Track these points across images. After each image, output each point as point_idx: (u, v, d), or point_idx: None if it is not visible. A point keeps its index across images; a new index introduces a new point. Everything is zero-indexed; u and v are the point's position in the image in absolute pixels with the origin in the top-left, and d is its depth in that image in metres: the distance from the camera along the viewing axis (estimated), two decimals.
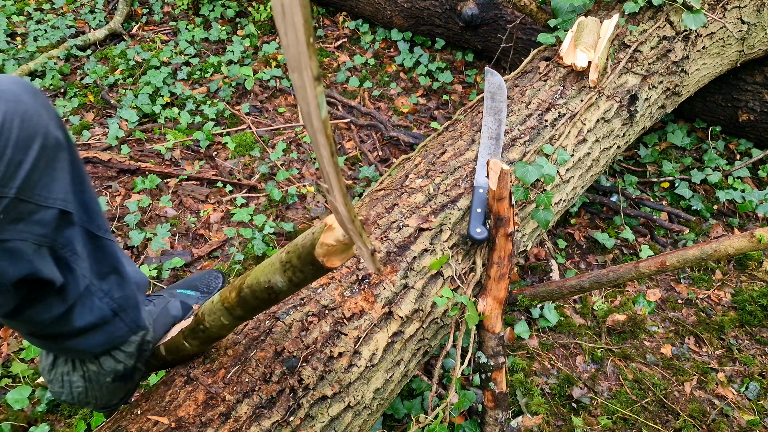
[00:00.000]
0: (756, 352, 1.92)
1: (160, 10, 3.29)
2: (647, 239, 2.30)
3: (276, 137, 2.63)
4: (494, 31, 2.76)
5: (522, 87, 1.85)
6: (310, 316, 1.26)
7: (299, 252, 0.78)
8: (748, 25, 2.07)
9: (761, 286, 2.09)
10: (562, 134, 1.69)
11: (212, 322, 1.04)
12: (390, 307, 1.32)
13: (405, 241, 1.41)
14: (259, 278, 0.87)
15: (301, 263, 0.79)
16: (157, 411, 1.11)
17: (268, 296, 0.88)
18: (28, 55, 2.91)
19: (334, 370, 1.22)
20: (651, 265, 1.41)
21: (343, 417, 1.23)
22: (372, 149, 2.62)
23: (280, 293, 0.87)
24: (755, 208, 2.33)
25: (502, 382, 1.47)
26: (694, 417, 1.72)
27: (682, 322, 2.01)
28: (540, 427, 1.70)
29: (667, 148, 2.59)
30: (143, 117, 2.66)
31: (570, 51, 1.81)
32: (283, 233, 2.21)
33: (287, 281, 0.83)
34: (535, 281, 2.14)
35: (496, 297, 1.44)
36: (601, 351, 1.92)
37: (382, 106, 2.88)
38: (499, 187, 1.34)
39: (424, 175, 1.59)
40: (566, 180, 1.72)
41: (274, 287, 0.85)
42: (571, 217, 2.36)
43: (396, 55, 3.12)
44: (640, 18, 1.93)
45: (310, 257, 0.75)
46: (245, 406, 1.12)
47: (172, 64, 2.91)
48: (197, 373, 1.17)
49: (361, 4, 3.10)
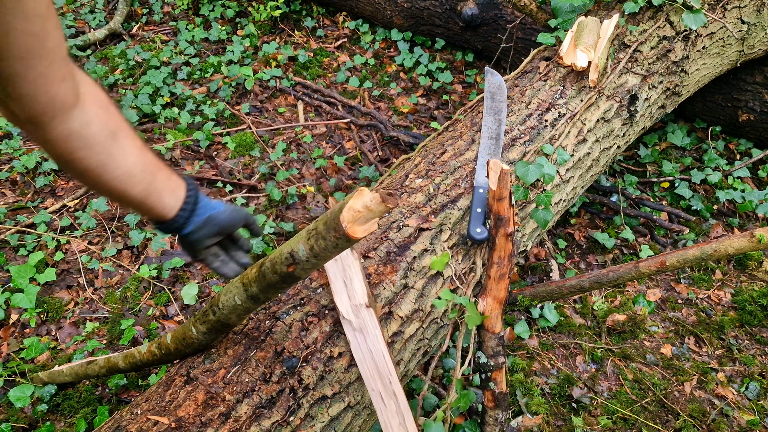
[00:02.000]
0: (756, 352, 1.92)
1: (160, 10, 3.29)
2: (647, 239, 2.30)
3: (276, 137, 2.63)
4: (494, 31, 2.76)
5: (522, 87, 1.84)
6: (310, 316, 1.26)
7: (326, 218, 0.80)
8: (748, 25, 2.07)
9: (761, 286, 2.09)
10: (562, 134, 1.69)
11: (225, 302, 1.06)
12: (390, 307, 1.32)
13: (405, 241, 1.41)
14: (283, 249, 0.90)
15: (325, 228, 0.80)
16: (157, 411, 1.11)
17: (286, 269, 0.90)
18: None
19: (334, 370, 1.22)
20: (651, 265, 1.41)
21: (343, 417, 1.23)
22: (372, 149, 2.62)
23: (298, 264, 0.88)
24: (755, 208, 2.33)
25: (502, 382, 1.47)
26: (694, 417, 1.72)
27: (682, 322, 2.01)
28: (540, 427, 1.70)
29: (667, 148, 2.59)
30: (143, 117, 2.66)
31: (570, 51, 1.81)
32: (283, 233, 2.20)
33: (309, 250, 0.85)
34: (535, 281, 2.14)
35: (496, 297, 1.44)
36: (601, 351, 1.92)
37: (382, 106, 2.88)
38: (499, 187, 1.34)
39: (424, 175, 1.59)
40: (566, 180, 1.72)
41: (294, 255, 0.87)
42: (571, 217, 2.36)
43: (396, 55, 3.12)
44: (640, 18, 1.93)
45: (335, 222, 0.77)
46: (245, 406, 1.12)
47: (172, 64, 2.91)
48: (197, 373, 1.17)
49: (361, 4, 3.10)
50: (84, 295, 1.97)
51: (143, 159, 0.87)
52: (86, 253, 2.08)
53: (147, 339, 1.87)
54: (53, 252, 2.09)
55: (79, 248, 2.10)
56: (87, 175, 0.82)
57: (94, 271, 2.05)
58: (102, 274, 2.04)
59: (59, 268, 2.03)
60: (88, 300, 1.96)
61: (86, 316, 1.92)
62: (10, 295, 1.88)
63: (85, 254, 2.07)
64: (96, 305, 1.95)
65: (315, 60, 3.06)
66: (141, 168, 0.87)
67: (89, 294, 1.97)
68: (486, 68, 1.94)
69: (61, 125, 0.74)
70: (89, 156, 0.79)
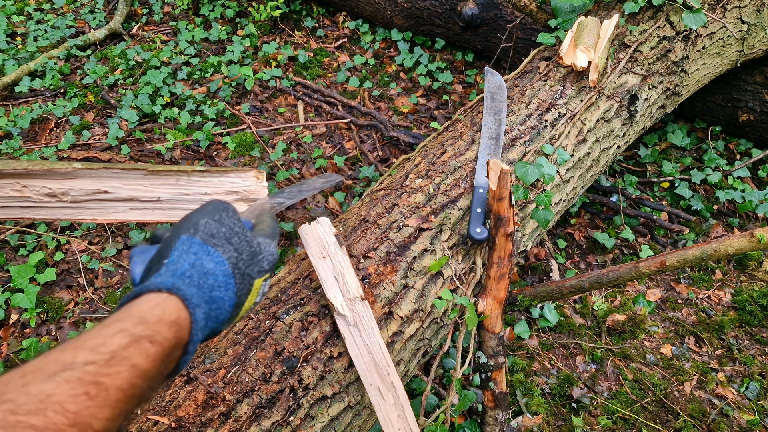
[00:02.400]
0: (756, 352, 1.92)
1: (160, 10, 3.29)
2: (647, 239, 2.30)
3: (276, 137, 2.63)
4: (494, 31, 2.76)
5: (522, 87, 1.84)
6: (310, 316, 1.26)
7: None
8: (748, 25, 2.07)
9: (761, 286, 2.09)
10: (562, 134, 1.69)
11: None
12: (390, 307, 1.32)
13: (405, 241, 1.41)
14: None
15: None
16: (157, 411, 1.11)
17: None
18: (28, 55, 2.91)
19: (334, 370, 1.22)
20: (651, 265, 1.41)
21: (343, 417, 1.23)
22: (372, 149, 2.62)
23: None
24: (755, 208, 2.33)
25: (502, 382, 1.47)
26: (694, 417, 1.72)
27: (682, 322, 2.01)
28: (540, 427, 1.69)
29: (667, 148, 2.59)
30: (143, 117, 2.66)
31: (570, 51, 1.81)
32: (283, 233, 2.21)
33: None
34: (535, 281, 2.14)
35: (496, 297, 1.44)
36: (601, 351, 1.92)
37: (382, 106, 2.88)
38: (499, 187, 1.34)
39: (424, 175, 1.59)
40: (566, 180, 1.72)
41: None
42: (571, 217, 2.36)
43: (396, 55, 3.12)
44: (640, 18, 1.93)
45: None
46: (245, 406, 1.12)
47: (172, 64, 2.91)
48: (197, 373, 1.17)
49: (361, 4, 3.10)
50: (84, 295, 1.97)
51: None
52: (86, 253, 2.08)
53: None
54: (53, 252, 2.09)
55: (79, 248, 2.10)
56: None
57: (94, 271, 2.05)
58: (102, 274, 2.04)
59: (59, 268, 2.03)
60: (88, 300, 1.96)
61: (86, 316, 1.92)
62: (10, 295, 1.88)
63: (85, 254, 2.07)
64: (96, 305, 1.95)
65: (315, 60, 3.05)
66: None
67: (89, 294, 1.97)
68: (486, 68, 1.94)
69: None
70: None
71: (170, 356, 0.55)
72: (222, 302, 0.62)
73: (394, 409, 1.21)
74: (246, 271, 0.67)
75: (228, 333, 1.25)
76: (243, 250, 0.67)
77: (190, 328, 0.58)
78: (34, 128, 2.57)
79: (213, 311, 0.61)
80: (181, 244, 0.63)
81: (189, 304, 0.58)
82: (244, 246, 0.67)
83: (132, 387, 0.49)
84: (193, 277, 0.60)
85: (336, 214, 2.29)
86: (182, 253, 0.62)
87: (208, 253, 0.63)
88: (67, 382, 0.44)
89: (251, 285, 0.68)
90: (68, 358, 0.47)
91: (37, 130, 2.57)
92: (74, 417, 0.43)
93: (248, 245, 0.68)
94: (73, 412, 0.43)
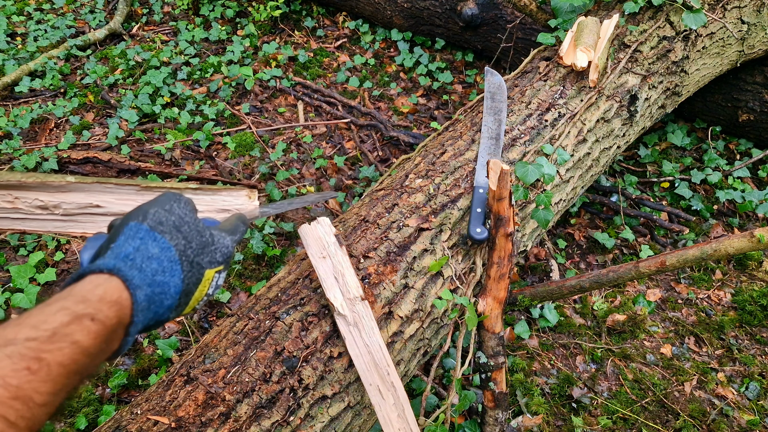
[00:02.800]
0: (756, 352, 1.92)
1: (160, 10, 3.29)
2: (647, 239, 2.30)
3: (276, 137, 2.63)
4: (494, 31, 2.76)
5: (522, 87, 1.84)
6: (310, 316, 1.26)
7: None
8: (748, 25, 2.07)
9: (761, 286, 2.09)
10: (562, 134, 1.69)
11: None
12: (390, 307, 1.32)
13: (405, 241, 1.41)
14: None
15: None
16: (157, 411, 1.11)
17: None
18: (28, 55, 2.91)
19: (334, 370, 1.22)
20: (651, 265, 1.41)
21: (343, 417, 1.23)
22: (372, 149, 2.62)
23: None
24: (755, 208, 2.33)
25: (502, 382, 1.47)
26: (694, 417, 1.72)
27: (682, 322, 2.01)
28: (540, 427, 1.69)
29: (667, 148, 2.59)
30: (143, 117, 2.66)
31: (570, 51, 1.81)
32: (283, 233, 2.21)
33: None
34: (535, 281, 2.14)
35: (496, 297, 1.44)
36: (601, 351, 1.92)
37: (382, 106, 2.88)
38: (499, 187, 1.34)
39: (424, 175, 1.59)
40: (566, 180, 1.72)
41: None
42: (571, 217, 2.36)
43: (396, 55, 3.12)
44: (640, 18, 1.93)
45: None
46: (245, 406, 1.12)
47: (172, 64, 2.91)
48: (197, 373, 1.17)
49: (361, 4, 3.10)
50: None
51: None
52: None
53: (146, 340, 1.87)
54: (53, 252, 2.09)
55: (78, 248, 2.10)
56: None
57: None
58: None
59: (59, 268, 2.03)
60: None
61: None
62: (10, 295, 1.88)
63: None
64: None
65: (315, 60, 3.05)
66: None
67: None
68: (486, 68, 1.94)
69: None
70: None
71: (112, 335, 0.56)
72: (166, 287, 0.63)
73: (394, 409, 1.21)
74: (195, 259, 0.68)
75: (228, 333, 1.25)
76: (192, 239, 0.68)
77: (132, 309, 0.59)
78: (34, 128, 2.57)
79: (156, 295, 0.62)
80: (128, 230, 0.64)
81: (130, 285, 0.59)
82: (194, 235, 0.69)
83: (74, 363, 0.50)
84: (135, 260, 0.61)
85: (336, 214, 2.30)
86: (128, 237, 0.64)
87: (155, 239, 0.64)
88: (9, 357, 0.46)
89: (201, 275, 0.69)
90: (10, 334, 0.49)
91: (37, 130, 2.57)
92: (16, 390, 0.45)
93: (199, 235, 0.69)
94: (15, 385, 0.45)
